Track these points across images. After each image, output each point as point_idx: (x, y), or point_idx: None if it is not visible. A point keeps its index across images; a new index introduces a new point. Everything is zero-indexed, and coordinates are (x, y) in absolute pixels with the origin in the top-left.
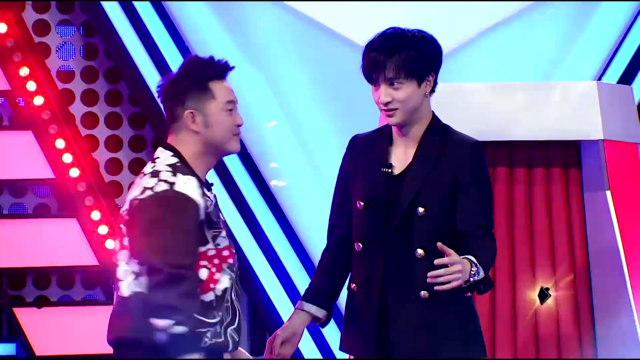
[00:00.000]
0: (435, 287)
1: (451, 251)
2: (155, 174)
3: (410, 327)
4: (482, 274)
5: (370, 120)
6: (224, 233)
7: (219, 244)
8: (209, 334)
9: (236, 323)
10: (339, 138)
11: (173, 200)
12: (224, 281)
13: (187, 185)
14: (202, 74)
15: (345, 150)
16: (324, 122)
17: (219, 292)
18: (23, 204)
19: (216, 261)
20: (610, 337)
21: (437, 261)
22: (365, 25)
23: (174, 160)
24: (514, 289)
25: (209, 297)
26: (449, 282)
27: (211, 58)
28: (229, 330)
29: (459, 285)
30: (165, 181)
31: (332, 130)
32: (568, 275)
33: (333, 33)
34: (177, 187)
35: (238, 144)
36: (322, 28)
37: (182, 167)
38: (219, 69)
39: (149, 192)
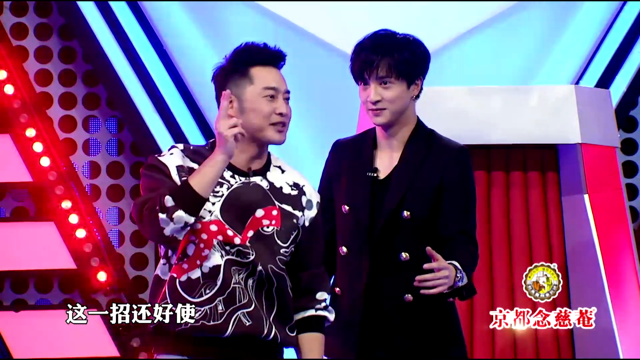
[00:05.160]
0: (421, 291)
1: (439, 256)
2: None
3: (393, 329)
4: (465, 280)
5: (348, 123)
6: (209, 207)
7: (202, 217)
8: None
9: (252, 307)
10: (316, 141)
11: (148, 160)
12: (214, 258)
13: (167, 156)
14: (246, 58)
15: (327, 155)
16: (301, 126)
17: (206, 270)
18: (1, 207)
19: (204, 236)
20: (588, 338)
21: (426, 266)
22: (341, 27)
23: (200, 144)
24: (492, 290)
25: (195, 273)
26: (435, 286)
27: (261, 45)
28: (238, 313)
29: (444, 291)
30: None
31: (309, 133)
32: None
33: (310, 36)
34: (158, 156)
35: (279, 134)
36: (299, 31)
37: (200, 148)
38: (264, 55)
39: None
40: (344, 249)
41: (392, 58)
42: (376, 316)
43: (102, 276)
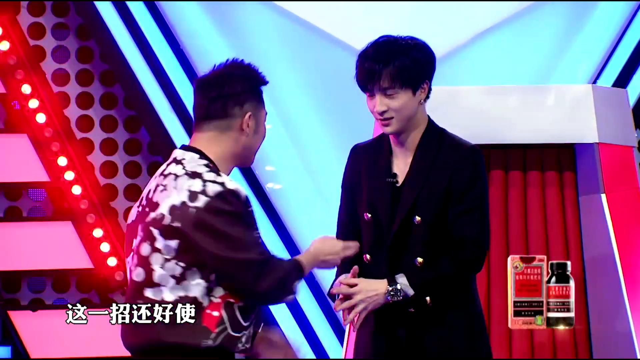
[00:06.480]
0: (344, 322)
1: (353, 280)
2: (194, 175)
3: (416, 332)
4: (409, 292)
5: (365, 123)
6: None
7: None
8: (243, 339)
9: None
10: (333, 140)
11: (237, 196)
12: None
13: (234, 183)
14: (257, 80)
15: (347, 160)
16: (319, 125)
17: None
18: (18, 207)
19: None
20: (605, 339)
21: (333, 290)
22: (358, 27)
23: (203, 161)
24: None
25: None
26: (354, 307)
27: (254, 66)
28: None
29: (367, 310)
30: (214, 182)
31: (326, 132)
32: None
33: (327, 35)
34: (229, 186)
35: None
36: (316, 30)
37: (214, 167)
38: (263, 79)
39: (204, 198)
40: (367, 256)
41: (393, 67)
42: (399, 320)
43: (119, 276)
